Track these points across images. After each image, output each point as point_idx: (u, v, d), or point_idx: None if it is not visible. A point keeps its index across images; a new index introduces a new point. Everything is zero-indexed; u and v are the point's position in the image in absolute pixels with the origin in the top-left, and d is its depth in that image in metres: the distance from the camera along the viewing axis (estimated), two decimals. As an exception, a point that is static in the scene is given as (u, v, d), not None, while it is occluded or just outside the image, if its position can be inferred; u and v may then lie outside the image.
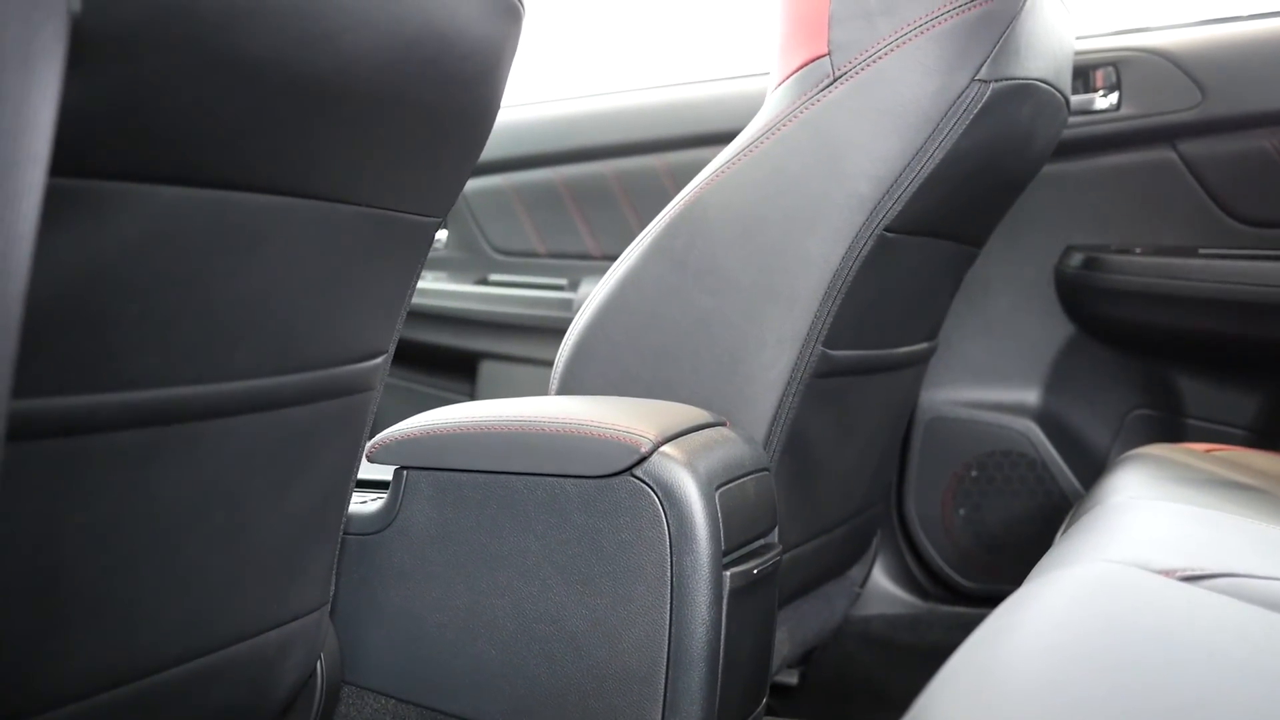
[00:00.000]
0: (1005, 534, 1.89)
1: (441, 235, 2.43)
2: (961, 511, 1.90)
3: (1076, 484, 1.86)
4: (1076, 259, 1.85)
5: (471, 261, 2.40)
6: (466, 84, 0.86)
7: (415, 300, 2.22)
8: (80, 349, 0.70)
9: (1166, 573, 0.78)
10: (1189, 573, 0.79)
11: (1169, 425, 1.87)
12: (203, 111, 0.68)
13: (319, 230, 0.82)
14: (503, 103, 0.95)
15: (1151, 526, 0.97)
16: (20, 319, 0.50)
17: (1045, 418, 1.90)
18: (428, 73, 0.81)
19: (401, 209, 0.90)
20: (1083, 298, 1.87)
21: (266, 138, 0.73)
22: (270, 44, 0.68)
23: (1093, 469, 1.85)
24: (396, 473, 1.14)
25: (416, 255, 0.97)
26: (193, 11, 0.63)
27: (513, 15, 0.88)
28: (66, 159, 0.54)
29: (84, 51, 0.57)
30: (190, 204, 0.71)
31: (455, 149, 0.92)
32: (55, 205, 0.61)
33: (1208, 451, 1.45)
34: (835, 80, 1.29)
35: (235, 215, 0.74)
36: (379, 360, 0.98)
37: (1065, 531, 1.16)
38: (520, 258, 2.35)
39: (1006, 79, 1.29)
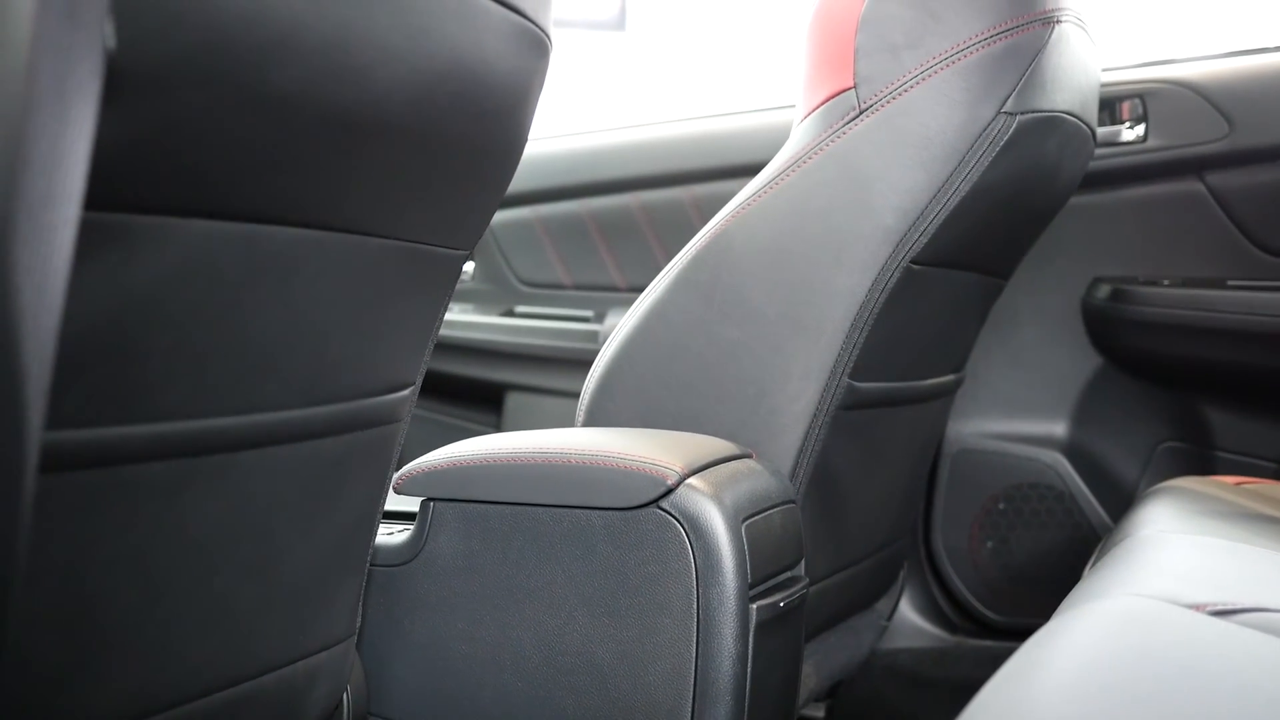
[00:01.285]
0: (1033, 567, 1.88)
1: (468, 267, 2.43)
2: (989, 544, 1.89)
3: (1105, 517, 1.85)
4: (1104, 290, 1.85)
5: (498, 293, 2.40)
6: (495, 118, 0.87)
7: (442, 332, 2.23)
8: (112, 381, 0.70)
9: (1197, 607, 0.78)
10: (1220, 607, 0.78)
11: (1198, 458, 1.86)
12: (235, 145, 0.69)
13: (348, 263, 0.82)
14: (529, 135, 0.96)
15: (1181, 560, 0.96)
16: (55, 352, 0.50)
17: (1073, 450, 1.89)
18: (457, 107, 0.81)
19: (430, 242, 0.90)
20: (1110, 329, 1.86)
21: (297, 171, 0.74)
22: (302, 79, 0.69)
23: (1121, 502, 1.84)
24: (423, 504, 1.15)
25: (444, 287, 0.97)
26: (226, 47, 0.64)
27: (540, 49, 0.89)
28: (99, 193, 0.54)
29: (118, 87, 0.58)
30: (222, 237, 0.72)
31: (483, 182, 0.93)
32: (88, 239, 0.62)
33: (1238, 484, 1.44)
34: (861, 113, 1.29)
35: (266, 248, 0.75)
36: (407, 392, 0.99)
37: (1094, 565, 1.15)
38: (546, 290, 2.36)
39: (1032, 111, 1.29)
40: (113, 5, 0.50)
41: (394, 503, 1.24)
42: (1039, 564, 1.87)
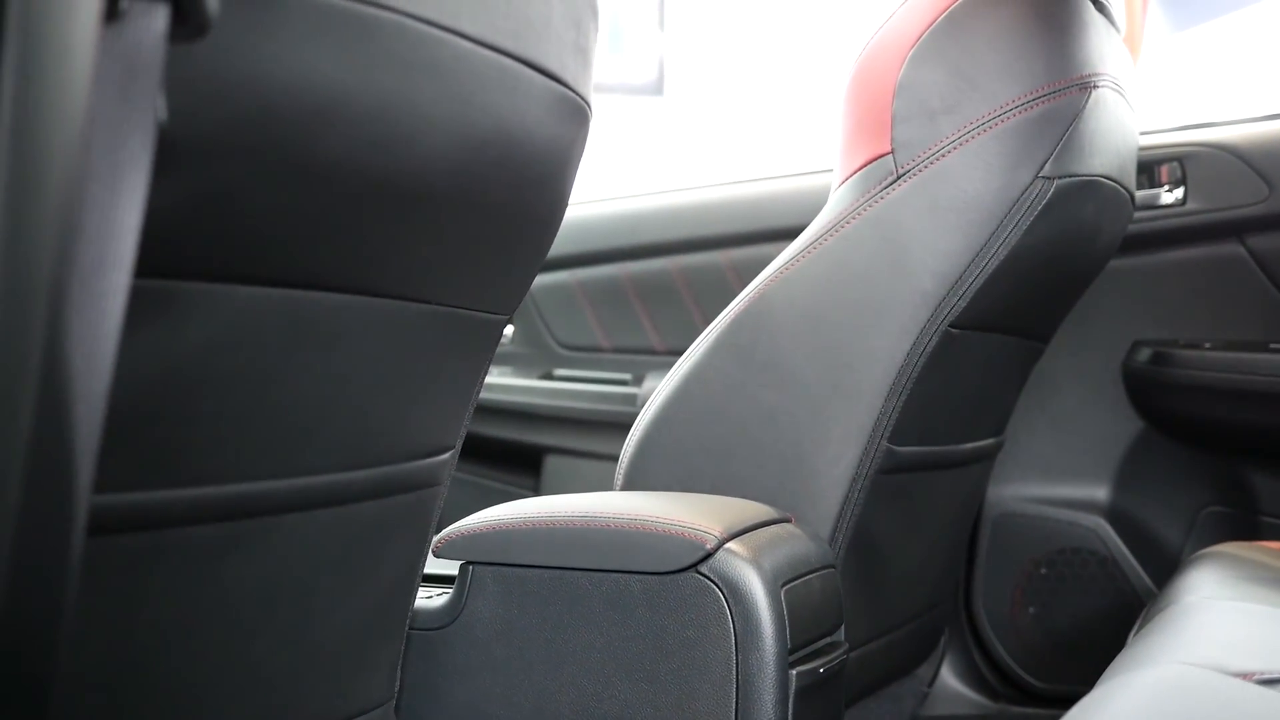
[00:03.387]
0: (1077, 633, 1.86)
1: (507, 330, 2.45)
2: (1031, 610, 1.87)
3: (1149, 582, 1.83)
4: (1145, 354, 1.84)
5: (537, 356, 2.41)
6: (535, 184, 0.88)
7: (481, 395, 2.25)
8: (155, 445, 0.71)
9: (1244, 676, 0.77)
10: (1267, 676, 0.77)
11: (1243, 523, 1.84)
12: (279, 213, 0.70)
13: (390, 328, 0.83)
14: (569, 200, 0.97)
15: (1227, 628, 0.95)
16: (103, 417, 0.51)
17: (1116, 514, 1.87)
18: (498, 174, 0.82)
19: (471, 307, 0.91)
20: (1152, 393, 1.85)
21: (340, 238, 0.75)
22: (345, 148, 0.70)
23: (1165, 567, 1.81)
24: (462, 568, 1.15)
25: (485, 352, 0.98)
26: (273, 117, 0.65)
27: (580, 117, 0.90)
28: (147, 260, 0.55)
29: (168, 157, 0.59)
30: (265, 303, 0.73)
31: (524, 248, 0.93)
32: (136, 305, 0.63)
33: (1283, 550, 1.42)
34: (899, 178, 1.30)
35: (309, 314, 0.76)
36: (447, 455, 0.99)
37: (1138, 632, 1.14)
38: (585, 353, 2.37)
39: (1070, 176, 1.29)
40: (165, 79, 0.51)
41: (433, 566, 1.24)
42: (1082, 630, 1.85)
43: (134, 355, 0.66)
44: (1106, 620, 1.84)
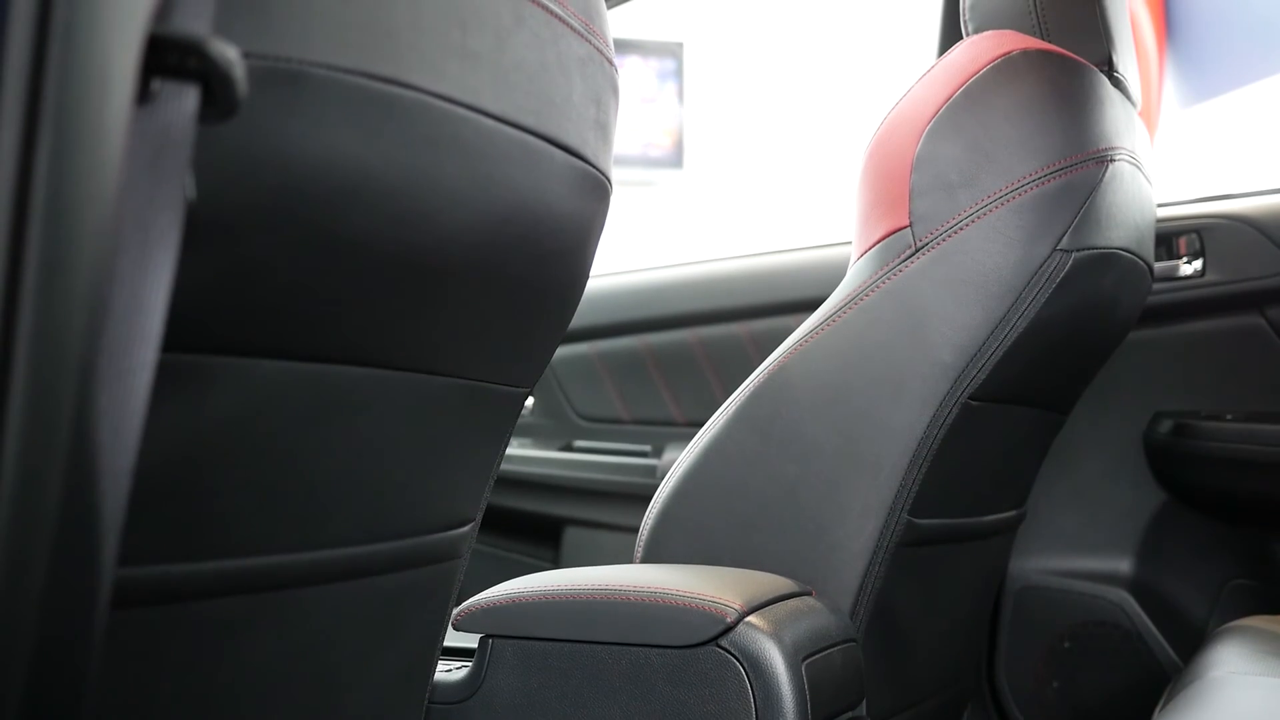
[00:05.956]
0: (1102, 708, 1.83)
1: (528, 402, 2.46)
2: (1055, 684, 1.85)
3: (1174, 656, 1.81)
4: (1166, 425, 1.83)
5: (557, 428, 2.42)
6: (557, 258, 0.89)
7: (500, 466, 2.25)
8: (180, 518, 0.72)
9: (1271, 752, 0.76)
10: (1294, 753, 0.76)
11: (1269, 595, 1.82)
12: (303, 288, 0.71)
13: (412, 401, 0.84)
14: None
15: (1253, 703, 0.94)
16: (129, 491, 0.51)
17: (1140, 588, 1.85)
18: (520, 249, 0.83)
19: (492, 380, 0.92)
20: (1174, 464, 1.84)
21: (364, 313, 0.75)
22: (369, 224, 0.71)
23: (1191, 641, 1.80)
24: (481, 641, 1.14)
25: (506, 424, 0.98)
26: (299, 194, 0.66)
27: (601, 192, 0.91)
28: (173, 334, 0.56)
29: (195, 233, 0.60)
30: (289, 376, 0.73)
31: (545, 321, 0.94)
32: (162, 379, 0.63)
33: (1310, 624, 1.41)
34: (917, 251, 1.31)
35: (333, 387, 0.76)
36: (467, 528, 0.99)
37: (1164, 707, 1.12)
38: (605, 424, 2.37)
39: (1088, 248, 1.30)
40: (193, 157, 0.52)
41: (452, 639, 1.24)
42: (1107, 705, 1.83)
43: (158, 429, 0.66)
44: (1132, 695, 1.82)
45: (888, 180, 1.35)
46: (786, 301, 2.15)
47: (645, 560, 1.40)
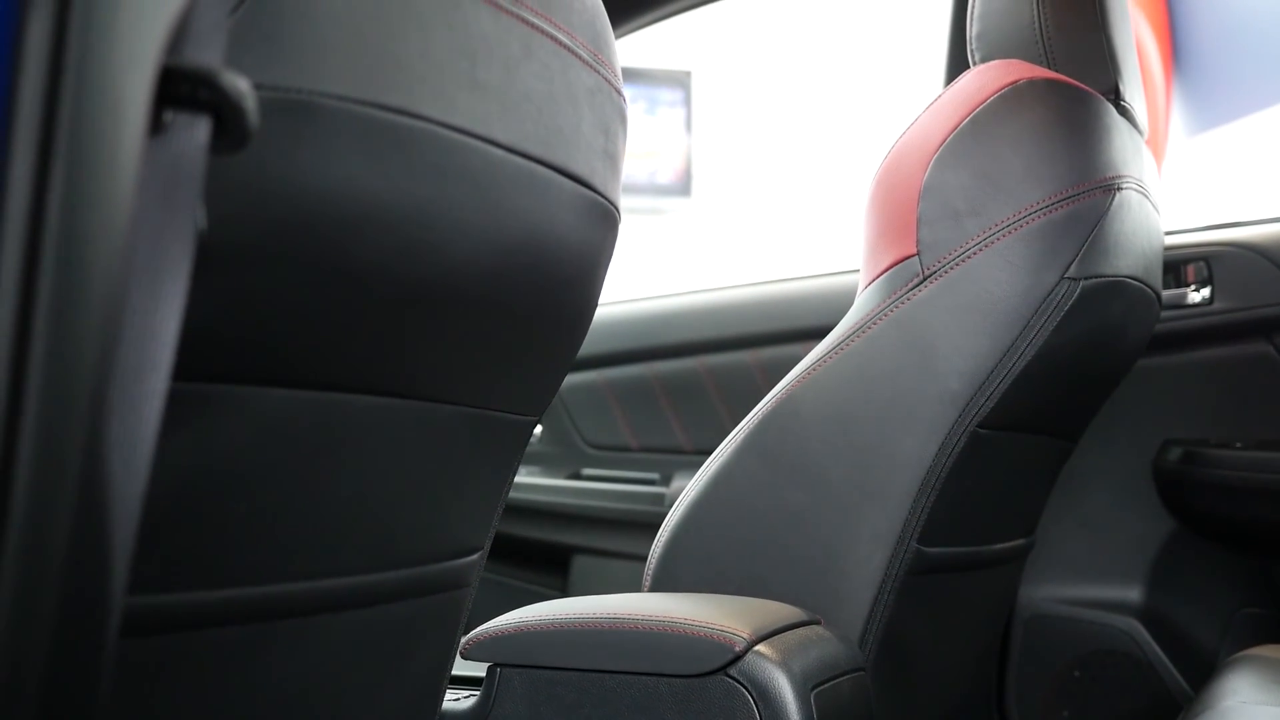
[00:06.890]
0: (1112, 738, 1.82)
1: (536, 430, 2.45)
2: (1065, 713, 1.84)
3: (1185, 685, 1.80)
4: (1175, 453, 1.83)
5: (565, 456, 2.42)
6: (566, 287, 0.89)
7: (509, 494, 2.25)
8: (190, 546, 0.72)
9: (1282, 783, 0.75)
10: (1306, 783, 0.76)
11: (1279, 624, 1.81)
12: (312, 317, 0.71)
13: (420, 430, 0.84)
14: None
15: (1265, 733, 0.93)
16: (139, 520, 0.51)
17: (1150, 616, 1.84)
18: (528, 278, 0.83)
19: (500, 408, 0.92)
20: (1183, 492, 1.83)
21: (372, 342, 0.76)
22: (379, 254, 0.71)
23: (1201, 669, 1.79)
24: (490, 670, 1.14)
25: (513, 453, 0.98)
26: (309, 224, 0.66)
27: (610, 221, 0.91)
28: (181, 363, 0.56)
29: (206, 263, 0.60)
30: (297, 405, 0.74)
31: (554, 350, 0.94)
32: (171, 408, 0.64)
33: (1321, 653, 1.40)
34: (924, 279, 1.31)
35: (341, 416, 0.77)
36: (475, 556, 0.99)
37: (1175, 737, 1.12)
38: (613, 452, 2.37)
39: (1096, 277, 1.30)
40: (205, 187, 0.53)
41: (461, 667, 1.23)
42: (1118, 735, 1.82)
43: (168, 457, 0.67)
44: (1143, 725, 1.81)
45: (895, 208, 1.35)
46: (794, 329, 2.15)
47: (654, 589, 1.40)
